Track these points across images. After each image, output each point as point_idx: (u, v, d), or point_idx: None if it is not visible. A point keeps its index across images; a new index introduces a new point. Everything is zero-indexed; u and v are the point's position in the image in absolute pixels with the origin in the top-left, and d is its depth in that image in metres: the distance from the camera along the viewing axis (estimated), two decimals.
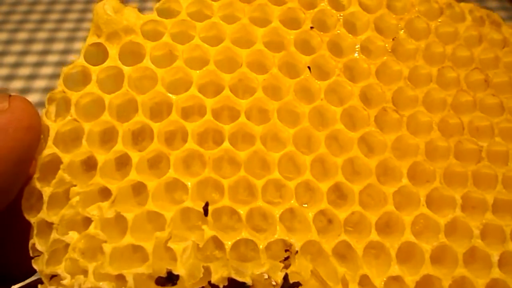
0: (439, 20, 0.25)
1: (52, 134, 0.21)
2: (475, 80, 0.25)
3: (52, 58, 0.66)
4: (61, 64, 0.64)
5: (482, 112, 0.24)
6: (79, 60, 0.22)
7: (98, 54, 0.22)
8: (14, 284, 0.24)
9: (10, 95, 0.20)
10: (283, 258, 0.22)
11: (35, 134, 0.20)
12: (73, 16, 0.73)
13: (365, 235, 0.22)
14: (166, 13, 0.24)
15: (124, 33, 0.22)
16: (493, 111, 0.25)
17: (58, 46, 0.67)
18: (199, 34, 0.24)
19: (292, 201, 0.22)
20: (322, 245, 0.21)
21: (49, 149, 0.20)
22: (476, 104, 0.24)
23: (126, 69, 0.22)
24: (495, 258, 0.22)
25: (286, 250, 0.22)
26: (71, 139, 0.22)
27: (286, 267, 0.21)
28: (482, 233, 0.22)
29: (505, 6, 0.68)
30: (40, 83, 0.62)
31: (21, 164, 0.20)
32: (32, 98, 0.61)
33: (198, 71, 0.23)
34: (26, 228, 0.21)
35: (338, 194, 0.23)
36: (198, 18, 0.24)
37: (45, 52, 0.66)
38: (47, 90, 0.62)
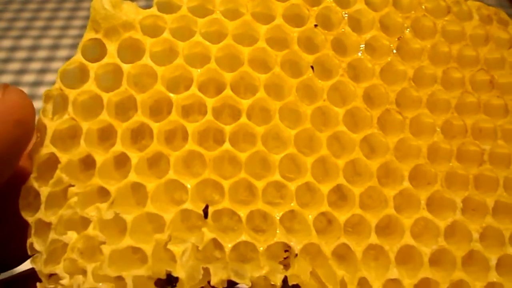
0: (446, 19, 0.25)
1: (49, 133, 0.20)
2: (480, 81, 0.25)
3: (57, 65, 0.66)
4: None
5: (486, 114, 0.24)
6: (76, 56, 0.21)
7: (95, 49, 0.22)
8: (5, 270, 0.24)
9: (7, 86, 0.19)
10: (283, 258, 0.22)
11: (26, 128, 0.19)
12: (77, 23, 0.73)
13: (364, 237, 0.22)
14: (166, 7, 0.23)
15: (123, 29, 0.21)
16: (497, 113, 0.24)
17: (63, 53, 0.67)
18: (200, 29, 0.23)
19: (292, 204, 0.21)
20: (321, 248, 0.21)
21: (47, 148, 0.20)
22: (481, 106, 0.24)
23: (125, 67, 0.21)
24: (493, 262, 0.22)
25: (285, 251, 0.22)
26: (69, 136, 0.22)
27: (286, 268, 0.21)
28: (481, 237, 0.22)
29: (502, 3, 0.67)
30: (44, 90, 0.62)
31: (7, 158, 0.19)
32: (36, 105, 0.59)
33: (199, 70, 0.22)
34: (14, 218, 0.20)
35: (339, 194, 0.23)
36: (200, 13, 0.24)
37: (49, 59, 0.66)
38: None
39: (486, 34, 0.26)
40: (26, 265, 0.23)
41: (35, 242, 0.20)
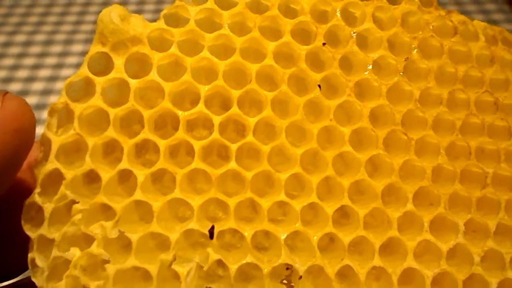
0: (453, 40, 0.25)
1: (54, 148, 0.20)
2: (484, 103, 0.25)
3: (50, 60, 0.65)
4: (59, 66, 0.64)
5: (490, 136, 0.24)
6: (82, 69, 0.21)
7: (101, 62, 0.22)
8: (3, 281, 0.24)
9: (6, 93, 0.19)
10: (285, 276, 0.22)
11: (26, 137, 0.19)
12: (71, 18, 0.73)
13: (367, 258, 0.22)
14: (173, 19, 0.23)
15: (131, 43, 0.21)
16: (501, 136, 0.24)
17: (56, 48, 0.67)
18: (207, 43, 0.23)
19: (297, 225, 0.21)
20: (325, 269, 0.21)
21: (51, 164, 0.20)
22: (485, 128, 0.24)
23: (132, 82, 0.21)
24: (494, 286, 0.22)
25: (287, 268, 0.22)
26: (73, 149, 0.21)
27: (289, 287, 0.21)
28: (482, 260, 0.22)
29: (503, 8, 0.67)
30: (38, 86, 0.62)
31: (6, 169, 0.19)
32: (30, 100, 0.60)
33: (206, 87, 0.22)
34: (15, 226, 0.20)
35: (342, 213, 0.23)
36: (207, 25, 0.23)
37: (43, 55, 0.66)
38: (45, 92, 0.62)
39: (492, 55, 0.26)
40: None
41: (37, 257, 0.20)
